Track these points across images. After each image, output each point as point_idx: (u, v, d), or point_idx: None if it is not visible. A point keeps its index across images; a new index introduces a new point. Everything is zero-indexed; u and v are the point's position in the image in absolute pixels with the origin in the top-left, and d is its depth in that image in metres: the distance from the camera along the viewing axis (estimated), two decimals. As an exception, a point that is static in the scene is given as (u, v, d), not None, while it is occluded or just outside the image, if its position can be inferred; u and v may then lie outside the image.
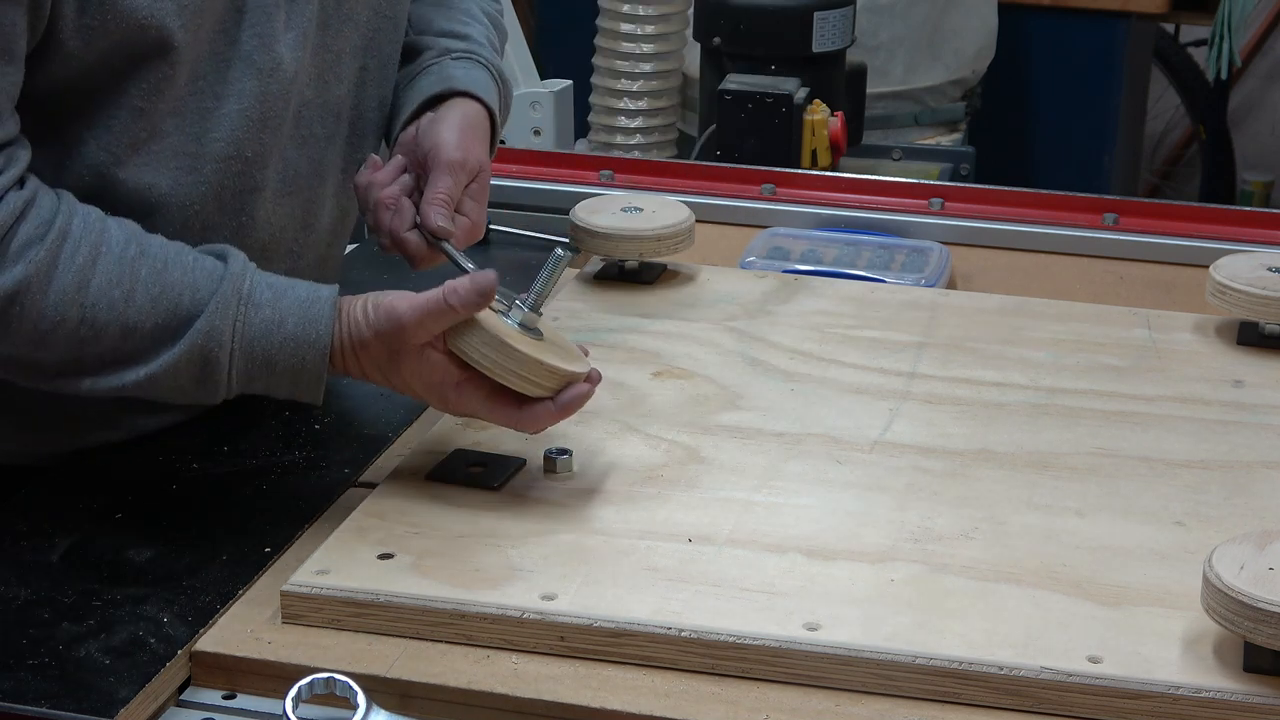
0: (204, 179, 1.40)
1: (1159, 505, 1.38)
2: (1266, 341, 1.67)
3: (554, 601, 1.23)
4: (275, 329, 1.33)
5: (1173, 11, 3.89)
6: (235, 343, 1.32)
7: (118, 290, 1.30)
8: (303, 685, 1.14)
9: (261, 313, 1.33)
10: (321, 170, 1.51)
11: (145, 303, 1.31)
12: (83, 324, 1.30)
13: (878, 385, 1.59)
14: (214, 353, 1.32)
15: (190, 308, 1.31)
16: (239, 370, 1.33)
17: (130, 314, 1.30)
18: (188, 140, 1.39)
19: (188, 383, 1.33)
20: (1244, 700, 1.14)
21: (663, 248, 1.78)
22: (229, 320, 1.32)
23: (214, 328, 1.31)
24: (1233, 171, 4.50)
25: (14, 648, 1.21)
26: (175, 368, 1.32)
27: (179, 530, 1.37)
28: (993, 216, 2.00)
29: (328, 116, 1.49)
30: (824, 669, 1.19)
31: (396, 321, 1.33)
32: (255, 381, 1.34)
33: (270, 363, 1.33)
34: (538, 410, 1.36)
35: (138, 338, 1.31)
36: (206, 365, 1.32)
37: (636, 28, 3.07)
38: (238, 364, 1.33)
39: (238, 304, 1.32)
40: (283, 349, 1.33)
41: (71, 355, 1.31)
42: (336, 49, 1.48)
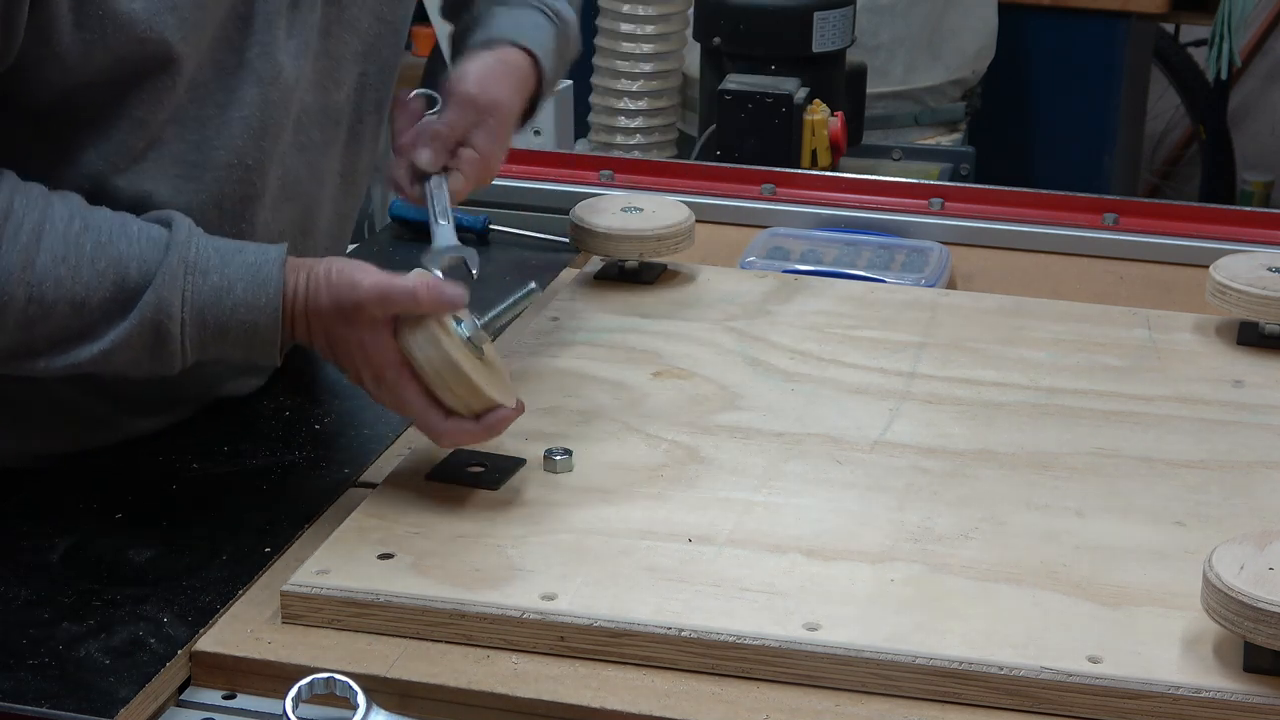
0: (204, 187, 1.40)
1: (1159, 505, 1.38)
2: (1266, 341, 1.67)
3: (554, 601, 1.23)
4: (225, 295, 1.32)
5: (1173, 11, 3.89)
6: (185, 312, 1.31)
7: (64, 267, 1.29)
8: (303, 685, 1.14)
9: (209, 279, 1.31)
10: (320, 175, 1.51)
11: (92, 277, 1.29)
12: (30, 303, 1.28)
13: (878, 385, 1.59)
14: (165, 324, 1.30)
15: (138, 279, 1.30)
16: (191, 339, 1.32)
17: (78, 290, 1.29)
18: (188, 149, 1.38)
19: (142, 355, 1.32)
20: (1244, 700, 1.14)
21: (663, 248, 1.78)
22: (177, 290, 1.30)
23: (162, 299, 1.30)
24: (1233, 171, 4.50)
25: (14, 648, 1.21)
26: (128, 341, 1.31)
27: (179, 530, 1.37)
28: (993, 216, 2.00)
29: (327, 122, 1.49)
30: (824, 669, 1.19)
31: (355, 290, 1.32)
32: (209, 348, 1.33)
33: (222, 329, 1.32)
34: (462, 425, 1.36)
35: (87, 313, 1.30)
36: (159, 336, 1.31)
37: (636, 28, 3.07)
38: (190, 333, 1.32)
39: (184, 273, 1.31)
40: (234, 314, 1.32)
41: (22, 336, 1.30)
42: (337, 55, 1.48)
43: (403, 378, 1.34)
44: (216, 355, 1.34)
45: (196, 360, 1.34)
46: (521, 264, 1.90)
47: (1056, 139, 3.86)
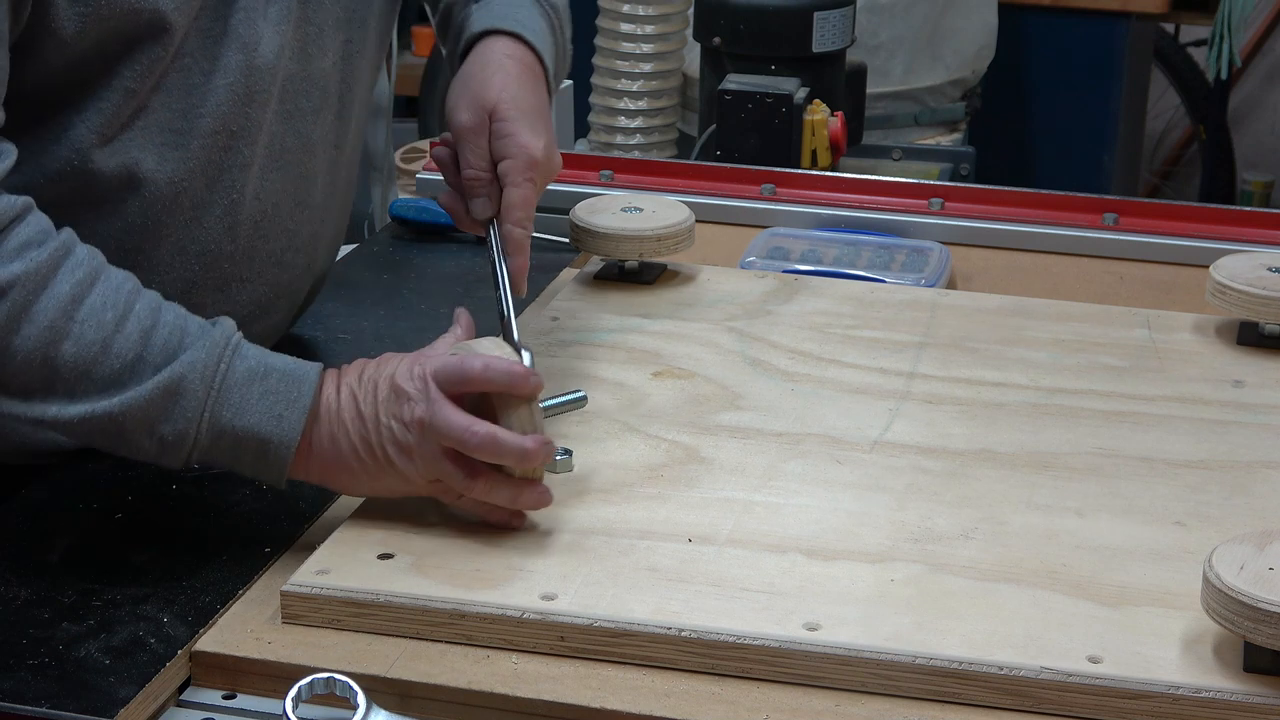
0: (190, 155, 1.40)
1: (1159, 505, 1.38)
2: (1266, 341, 1.67)
3: (554, 601, 1.23)
4: (260, 375, 1.30)
5: (1173, 11, 3.89)
6: (215, 382, 1.28)
7: (110, 313, 1.28)
8: (303, 685, 1.14)
9: (247, 359, 1.30)
10: (310, 145, 1.51)
11: (135, 332, 1.28)
12: (68, 339, 1.26)
13: (878, 385, 1.59)
14: (192, 385, 1.28)
15: (178, 344, 1.29)
16: (211, 412, 1.28)
17: (118, 340, 1.27)
18: (174, 117, 1.39)
19: (156, 416, 1.28)
20: (1244, 700, 1.14)
21: (663, 248, 1.79)
22: (215, 356, 1.29)
23: (200, 361, 1.28)
24: (1233, 171, 4.50)
25: (14, 648, 1.21)
26: (149, 399, 1.27)
27: (179, 530, 1.37)
28: (993, 216, 2.00)
29: (313, 90, 1.50)
30: (824, 669, 1.19)
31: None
32: (224, 435, 1.29)
33: (245, 407, 1.29)
34: (540, 490, 1.33)
35: (118, 362, 1.27)
36: (180, 399, 1.28)
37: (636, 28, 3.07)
38: (212, 405, 1.28)
39: (226, 345, 1.29)
40: (264, 397, 1.29)
41: (43, 372, 1.27)
42: (319, 22, 1.48)
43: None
44: (229, 444, 1.30)
45: (206, 446, 1.30)
46: (521, 264, 1.90)
47: (1056, 139, 3.86)
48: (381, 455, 1.30)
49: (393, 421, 1.29)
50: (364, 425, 1.30)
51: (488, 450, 1.28)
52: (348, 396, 1.31)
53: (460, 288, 1.81)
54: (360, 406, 1.31)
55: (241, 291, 1.51)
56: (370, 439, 1.30)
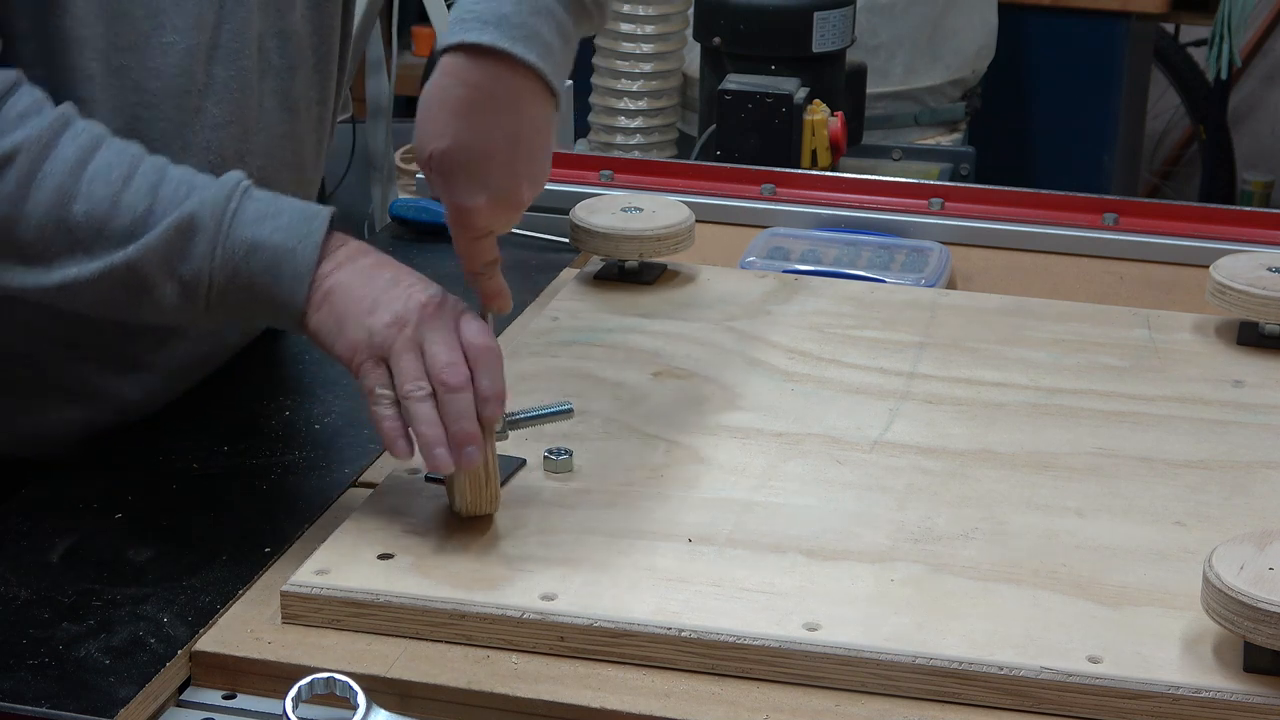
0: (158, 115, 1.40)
1: (1159, 505, 1.38)
2: (1266, 341, 1.67)
3: (554, 601, 1.23)
4: (271, 214, 1.30)
5: (1173, 11, 3.89)
6: (229, 214, 1.29)
7: (117, 172, 1.29)
8: (303, 685, 1.14)
9: (256, 201, 1.31)
10: (293, 104, 1.51)
11: (143, 187, 1.29)
12: (78, 199, 1.28)
13: (878, 385, 1.59)
14: (204, 220, 1.28)
15: (187, 193, 1.30)
16: (227, 238, 1.28)
17: (127, 194, 1.29)
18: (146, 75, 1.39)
19: (173, 256, 1.28)
20: (1244, 700, 1.14)
21: (663, 248, 1.79)
22: (224, 194, 1.29)
23: (209, 198, 1.29)
24: (1233, 171, 4.50)
25: (14, 648, 1.21)
26: (164, 240, 1.28)
27: (179, 530, 1.37)
28: (993, 216, 2.00)
29: (287, 45, 1.50)
30: (824, 669, 1.19)
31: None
32: (239, 260, 1.29)
33: (259, 235, 1.29)
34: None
35: (129, 215, 1.28)
36: (195, 234, 1.28)
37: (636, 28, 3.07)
38: (223, 244, 1.28)
39: (236, 186, 1.30)
40: (277, 230, 1.30)
41: (58, 234, 1.28)
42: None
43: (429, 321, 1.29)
44: (246, 271, 1.29)
45: (224, 281, 1.29)
46: (521, 264, 1.90)
47: (1056, 139, 3.86)
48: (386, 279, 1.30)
49: (414, 283, 1.31)
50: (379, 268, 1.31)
51: (484, 355, 1.29)
52: (369, 250, 1.32)
53: (460, 288, 1.80)
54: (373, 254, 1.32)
55: None
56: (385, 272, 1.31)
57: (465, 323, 1.31)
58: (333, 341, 1.31)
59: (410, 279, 1.33)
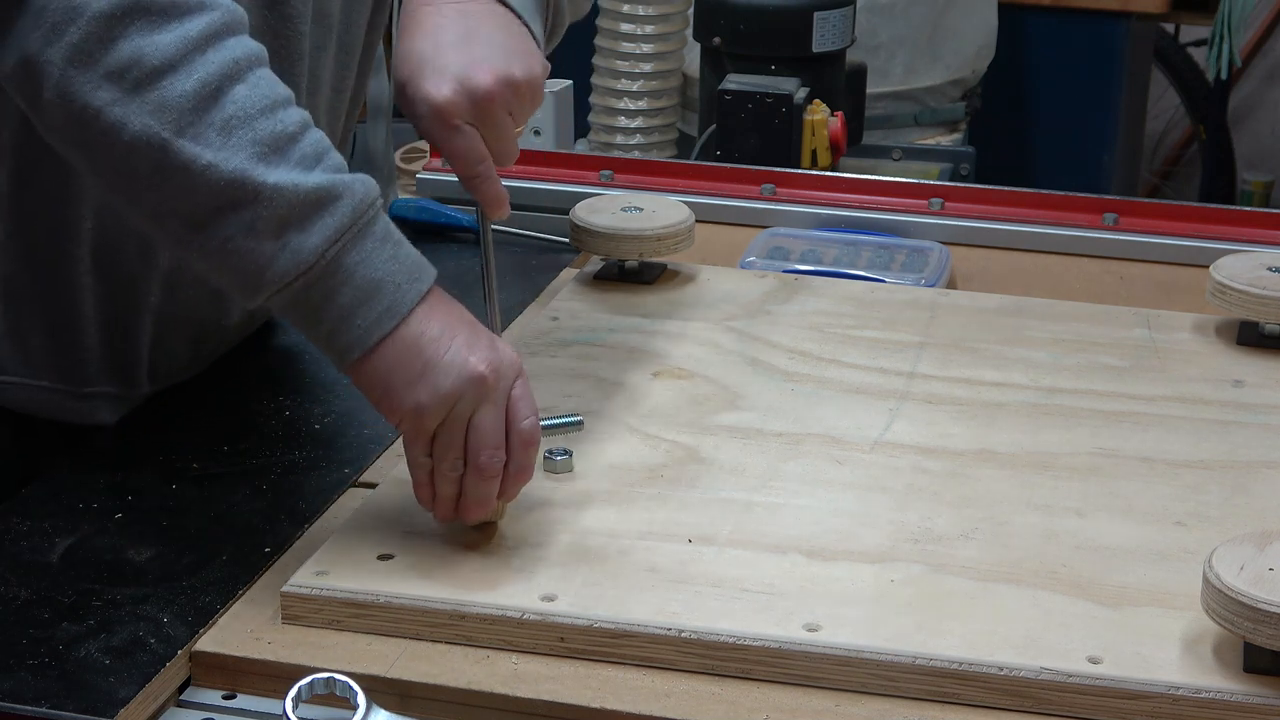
0: None
1: (1159, 505, 1.38)
2: (1266, 341, 1.67)
3: (554, 602, 1.23)
4: (395, 241, 1.25)
5: (1173, 11, 3.89)
6: (363, 221, 1.23)
7: (281, 90, 1.23)
8: (303, 685, 1.14)
9: (384, 223, 1.26)
10: (316, 84, 1.51)
11: (298, 115, 1.23)
12: (244, 82, 1.21)
13: (878, 385, 1.59)
14: (343, 209, 1.22)
15: (325, 150, 1.24)
16: (344, 244, 1.22)
17: (283, 112, 1.22)
18: None
19: (298, 216, 1.20)
20: (1244, 700, 1.14)
21: (663, 248, 1.79)
22: (373, 194, 1.24)
23: (360, 185, 1.23)
24: (1233, 171, 4.50)
25: (14, 648, 1.21)
26: (305, 196, 1.20)
27: (179, 530, 1.37)
28: (993, 216, 2.00)
29: (320, 28, 1.49)
30: (824, 669, 1.19)
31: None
32: (339, 273, 1.22)
33: (371, 260, 1.23)
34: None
35: (279, 126, 1.21)
36: (327, 215, 1.21)
37: (636, 28, 3.07)
38: (349, 238, 1.22)
39: (377, 195, 1.25)
40: (390, 261, 1.24)
41: (209, 101, 1.20)
42: None
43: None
44: (338, 284, 1.23)
45: (316, 278, 1.23)
46: (521, 264, 1.90)
47: (1056, 139, 3.86)
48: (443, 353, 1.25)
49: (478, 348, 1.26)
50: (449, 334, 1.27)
51: (524, 447, 1.28)
52: (454, 305, 1.29)
53: (460, 288, 1.80)
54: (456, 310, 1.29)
55: None
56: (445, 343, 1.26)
57: (516, 405, 1.28)
58: (376, 399, 1.27)
59: (468, 343, 1.27)
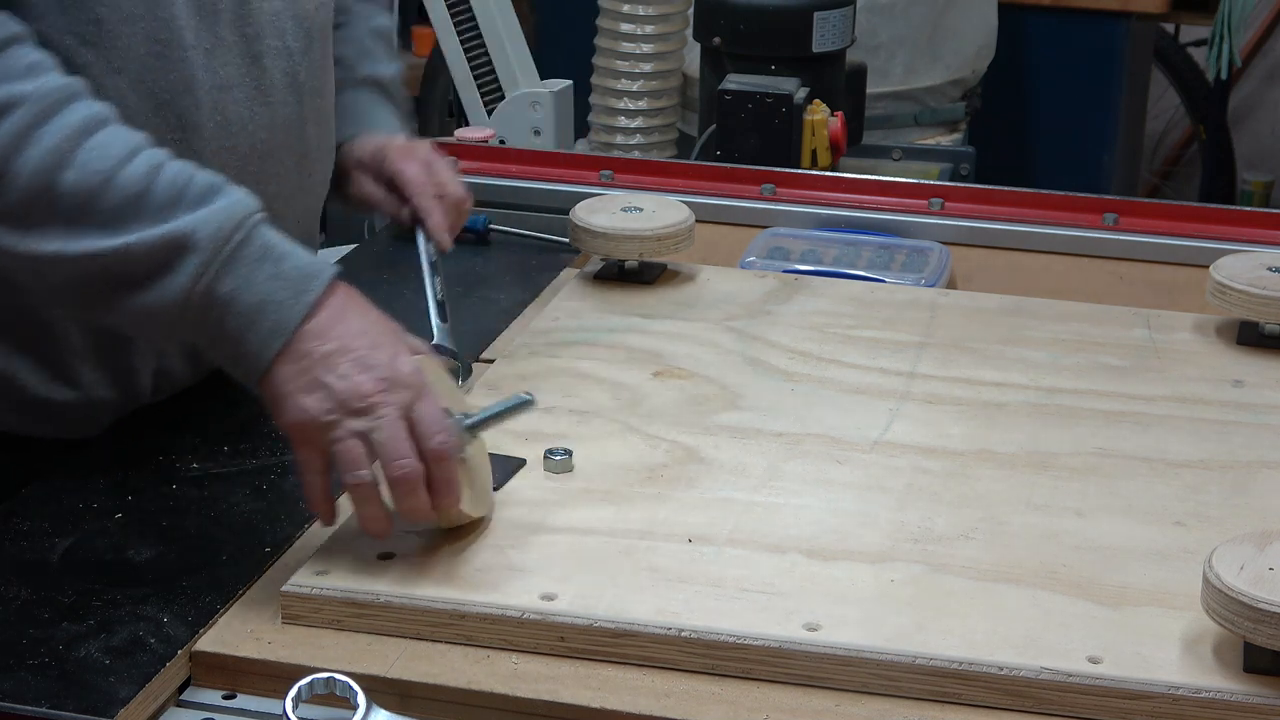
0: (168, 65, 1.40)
1: (1159, 505, 1.38)
2: (1266, 341, 1.67)
3: (554, 602, 1.23)
4: (274, 257, 1.26)
5: (1173, 11, 3.89)
6: (229, 247, 1.24)
7: (119, 149, 1.25)
8: (303, 685, 1.14)
9: (265, 238, 1.26)
10: (298, 85, 1.51)
11: (142, 167, 1.25)
12: (71, 167, 1.23)
13: (878, 385, 1.59)
14: (201, 243, 1.23)
15: (184, 188, 1.25)
16: (215, 276, 1.23)
17: (123, 173, 1.24)
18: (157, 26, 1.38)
19: (156, 266, 1.23)
20: (1244, 700, 1.14)
21: (663, 248, 1.79)
22: (233, 223, 1.25)
23: (214, 220, 1.24)
24: (1233, 171, 4.50)
25: (14, 648, 1.21)
26: (154, 246, 1.23)
27: (179, 530, 1.37)
28: (993, 216, 2.00)
29: (299, 30, 1.50)
30: (824, 669, 1.19)
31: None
32: (218, 305, 1.24)
33: (249, 283, 1.24)
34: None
35: (120, 195, 1.24)
36: (187, 253, 1.23)
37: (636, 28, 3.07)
38: (218, 268, 1.24)
39: (247, 218, 1.26)
40: (271, 279, 1.25)
41: (43, 200, 1.23)
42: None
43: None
44: (219, 316, 1.25)
45: (197, 313, 1.25)
46: (521, 264, 1.90)
47: (1056, 139, 3.85)
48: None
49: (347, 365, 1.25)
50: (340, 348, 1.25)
51: (436, 463, 1.26)
52: (338, 315, 1.27)
53: (460, 287, 1.81)
54: (345, 339, 1.26)
55: None
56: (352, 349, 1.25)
57: (419, 425, 1.26)
58: (271, 408, 1.28)
59: (362, 360, 1.26)
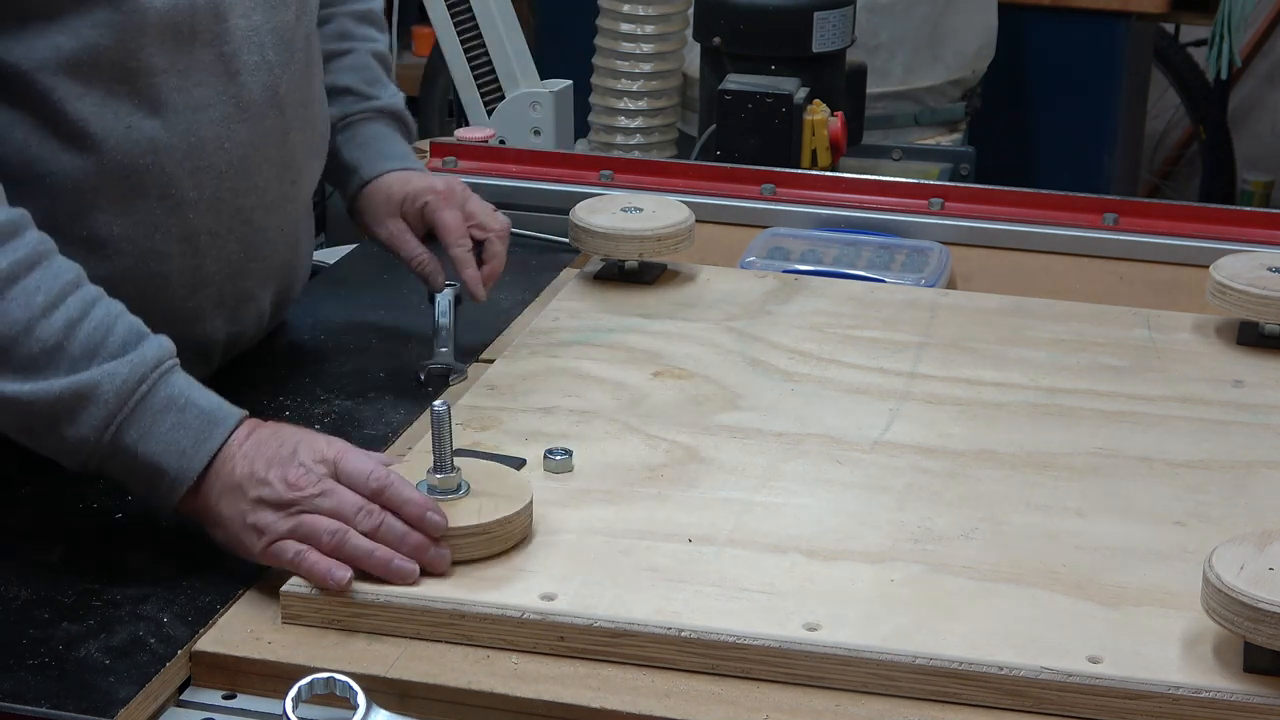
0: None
1: (1159, 505, 1.38)
2: (1266, 341, 1.67)
3: (554, 601, 1.23)
4: (178, 406, 1.29)
5: (1173, 11, 3.89)
6: (133, 400, 1.28)
7: (41, 298, 1.28)
8: (303, 685, 1.14)
9: (170, 389, 1.29)
10: (279, 99, 1.52)
11: (61, 320, 1.28)
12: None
13: (878, 385, 1.59)
14: (105, 396, 1.27)
15: (100, 343, 1.29)
16: (118, 428, 1.28)
17: (42, 325, 1.27)
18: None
19: (62, 415, 1.27)
20: (1244, 700, 1.14)
21: (663, 248, 1.79)
22: (137, 376, 1.28)
23: (121, 374, 1.28)
24: (1233, 171, 4.50)
25: (14, 648, 1.21)
26: (60, 397, 1.27)
27: (179, 530, 1.36)
28: (993, 216, 2.00)
29: (280, 43, 1.51)
30: (824, 669, 1.19)
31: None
32: (123, 454, 1.29)
33: (152, 434, 1.28)
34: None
35: (37, 346, 1.27)
36: (91, 406, 1.27)
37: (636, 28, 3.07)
38: (121, 421, 1.28)
39: (154, 368, 1.29)
40: (174, 429, 1.29)
41: None
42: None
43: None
44: (127, 463, 1.29)
45: (104, 459, 1.29)
46: (521, 264, 1.90)
47: (1056, 139, 3.85)
48: (251, 502, 1.28)
49: (273, 474, 1.28)
50: (251, 472, 1.29)
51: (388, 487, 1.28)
52: (252, 445, 1.30)
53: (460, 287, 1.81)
54: (254, 461, 1.29)
55: (212, 245, 1.50)
56: (247, 489, 1.28)
57: (347, 469, 1.29)
58: (209, 529, 1.31)
59: (249, 516, 1.28)
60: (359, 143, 1.75)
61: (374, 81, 1.78)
